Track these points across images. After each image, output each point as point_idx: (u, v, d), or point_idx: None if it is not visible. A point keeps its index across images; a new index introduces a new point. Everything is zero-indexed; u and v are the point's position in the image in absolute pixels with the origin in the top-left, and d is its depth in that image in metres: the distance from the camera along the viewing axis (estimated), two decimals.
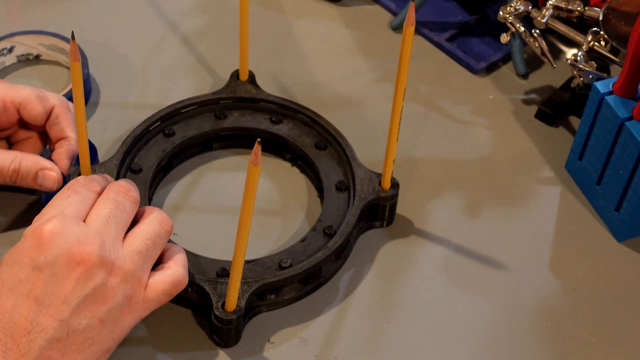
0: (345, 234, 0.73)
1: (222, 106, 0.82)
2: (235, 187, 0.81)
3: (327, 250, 0.72)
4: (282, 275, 0.70)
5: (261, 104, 0.83)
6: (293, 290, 0.72)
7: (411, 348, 0.71)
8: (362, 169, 0.77)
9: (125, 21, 0.95)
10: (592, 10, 0.88)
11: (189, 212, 0.79)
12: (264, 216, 0.79)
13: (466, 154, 0.85)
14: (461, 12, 0.98)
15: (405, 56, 0.68)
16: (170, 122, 0.81)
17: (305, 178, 0.82)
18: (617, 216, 0.78)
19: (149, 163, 0.78)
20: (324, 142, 0.81)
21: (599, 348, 0.72)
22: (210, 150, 0.83)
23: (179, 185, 0.81)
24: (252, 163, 0.58)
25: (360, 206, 0.75)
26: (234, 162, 0.83)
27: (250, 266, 0.72)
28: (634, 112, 0.75)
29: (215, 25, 0.95)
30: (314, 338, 0.71)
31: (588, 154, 0.80)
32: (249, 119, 0.83)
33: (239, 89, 0.83)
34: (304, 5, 0.98)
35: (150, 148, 0.79)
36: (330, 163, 0.80)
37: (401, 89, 0.70)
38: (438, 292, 0.75)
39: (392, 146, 0.73)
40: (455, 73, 0.93)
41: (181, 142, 0.80)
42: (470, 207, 0.81)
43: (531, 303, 0.74)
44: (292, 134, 0.82)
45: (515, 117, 0.89)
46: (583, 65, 0.84)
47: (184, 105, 0.81)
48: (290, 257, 0.73)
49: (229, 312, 0.67)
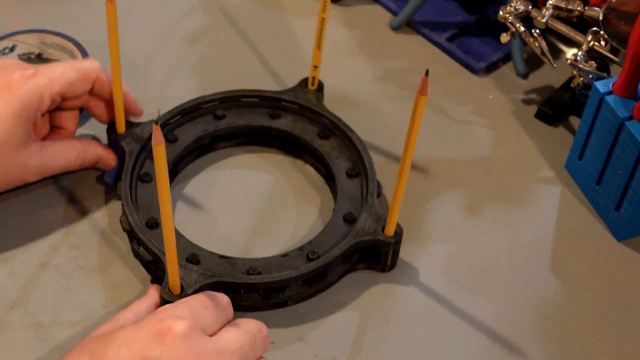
0: (324, 262, 0.71)
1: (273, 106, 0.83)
2: (239, 184, 0.81)
3: (297, 272, 0.70)
4: (250, 280, 0.70)
5: (307, 114, 0.83)
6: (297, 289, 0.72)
7: (411, 348, 0.71)
8: (372, 206, 0.74)
9: (125, 21, 0.95)
10: (592, 10, 0.87)
11: (197, 209, 0.79)
12: (278, 208, 0.80)
13: (466, 154, 0.85)
14: (461, 12, 0.98)
15: (416, 124, 0.65)
16: (223, 105, 0.82)
17: (310, 168, 0.83)
18: (617, 216, 0.78)
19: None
20: (326, 132, 0.81)
21: (599, 348, 0.72)
22: (212, 151, 0.83)
23: (186, 190, 0.81)
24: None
25: (351, 242, 0.72)
26: (238, 160, 0.83)
27: (282, 260, 0.72)
28: (634, 112, 0.75)
29: (215, 25, 0.95)
30: (314, 338, 0.71)
31: (588, 154, 0.80)
32: (247, 117, 0.83)
33: (302, 94, 0.83)
34: (304, 5, 0.98)
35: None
36: (337, 151, 0.80)
37: (411, 150, 0.66)
38: (438, 292, 0.75)
39: (399, 197, 0.70)
40: (455, 73, 0.93)
41: (185, 146, 0.80)
42: (470, 207, 0.81)
43: (531, 303, 0.74)
44: (294, 127, 0.82)
45: (515, 117, 0.89)
46: (583, 65, 0.84)
47: (244, 95, 0.82)
48: (318, 247, 0.73)
49: (174, 294, 0.68)
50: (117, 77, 0.74)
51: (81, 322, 0.71)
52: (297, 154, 0.83)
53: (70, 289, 0.73)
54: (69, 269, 0.74)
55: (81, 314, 0.71)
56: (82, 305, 0.72)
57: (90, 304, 0.72)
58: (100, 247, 0.75)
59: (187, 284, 0.68)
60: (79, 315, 0.71)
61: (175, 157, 0.79)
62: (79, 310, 0.71)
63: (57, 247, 0.75)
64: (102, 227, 0.77)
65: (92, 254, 0.75)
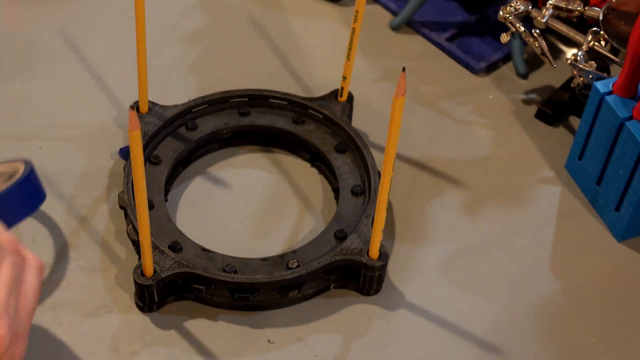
0: (299, 273, 0.70)
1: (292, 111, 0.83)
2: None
3: (268, 277, 0.70)
4: (219, 276, 0.70)
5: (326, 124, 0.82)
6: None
7: (411, 348, 0.71)
8: (365, 227, 0.73)
9: (125, 21, 0.95)
10: (592, 10, 0.87)
11: (198, 200, 0.80)
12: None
13: (466, 154, 0.85)
14: (461, 12, 0.98)
15: (395, 126, 0.63)
16: (250, 102, 0.83)
17: (323, 179, 0.82)
18: (617, 216, 0.78)
19: (167, 156, 0.79)
20: (343, 145, 0.81)
21: (599, 348, 0.72)
22: (231, 146, 0.84)
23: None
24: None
25: (331, 258, 0.71)
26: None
27: (261, 264, 0.72)
28: (634, 112, 0.75)
29: (215, 25, 0.95)
30: (314, 338, 0.71)
31: (588, 154, 0.80)
32: (272, 118, 0.83)
33: (329, 104, 0.82)
34: (304, 5, 0.98)
35: (168, 142, 0.80)
36: (349, 167, 0.80)
37: (391, 157, 0.64)
38: (438, 292, 0.75)
39: (381, 215, 0.68)
40: (455, 73, 0.93)
41: (201, 138, 0.81)
42: (470, 207, 0.81)
43: (531, 303, 0.74)
44: (313, 135, 0.82)
45: (515, 117, 0.89)
46: (583, 65, 0.84)
47: (273, 96, 0.83)
48: (300, 257, 0.72)
49: (147, 277, 0.69)
50: (142, 49, 0.74)
51: (81, 322, 0.71)
52: (313, 162, 0.83)
53: (70, 289, 0.73)
54: (69, 269, 0.74)
55: (81, 314, 0.71)
56: (82, 305, 0.72)
57: (91, 304, 0.72)
58: (100, 248, 0.75)
59: (161, 269, 0.69)
60: (79, 315, 0.71)
61: (191, 145, 0.80)
62: (79, 310, 0.71)
63: (57, 247, 0.75)
64: (102, 228, 0.77)
65: (92, 255, 0.75)
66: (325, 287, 0.74)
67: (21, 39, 0.92)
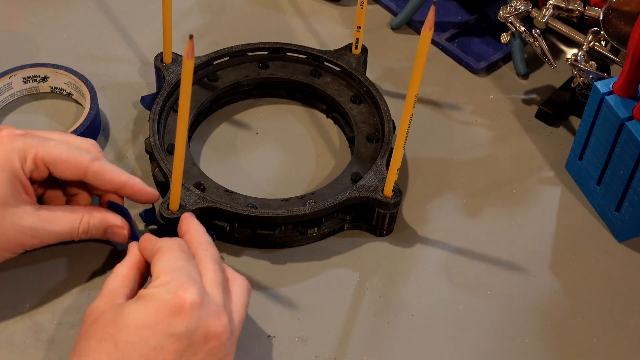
0: (318, 208, 0.73)
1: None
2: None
3: (289, 212, 0.73)
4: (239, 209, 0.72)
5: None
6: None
7: (411, 348, 0.71)
8: (379, 167, 0.76)
9: (125, 21, 0.95)
10: (592, 10, 0.87)
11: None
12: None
13: (466, 154, 0.85)
14: (461, 12, 0.98)
15: (420, 61, 0.65)
16: (269, 56, 0.86)
17: (339, 129, 0.85)
18: (617, 216, 0.78)
19: None
20: (359, 97, 0.83)
21: (599, 348, 0.72)
22: (250, 97, 0.87)
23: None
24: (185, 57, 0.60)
25: (348, 195, 0.74)
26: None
27: (282, 203, 0.75)
28: (634, 112, 0.75)
29: (215, 25, 0.95)
30: (314, 338, 0.71)
31: (588, 154, 0.80)
32: (290, 71, 0.86)
33: (344, 56, 0.85)
34: (304, 5, 0.98)
35: (195, 92, 0.83)
36: (364, 116, 0.82)
37: (413, 95, 0.67)
38: (438, 292, 0.75)
39: (398, 153, 0.71)
40: (455, 73, 0.93)
41: (223, 88, 0.84)
42: (470, 207, 0.81)
43: (531, 303, 0.74)
44: (329, 87, 0.85)
45: (515, 117, 0.89)
46: (583, 65, 0.84)
47: (291, 49, 0.86)
48: (318, 198, 0.75)
49: (172, 211, 0.71)
50: (168, 4, 0.77)
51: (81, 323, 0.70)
52: (328, 113, 0.86)
53: (70, 290, 0.73)
54: (68, 270, 0.74)
55: (81, 315, 0.71)
56: (82, 305, 0.72)
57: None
58: (100, 248, 0.75)
59: (186, 203, 0.72)
60: (78, 315, 0.71)
61: (213, 95, 0.83)
62: (79, 310, 0.71)
63: (57, 248, 0.75)
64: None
65: (93, 255, 0.75)
66: (340, 227, 0.77)
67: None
